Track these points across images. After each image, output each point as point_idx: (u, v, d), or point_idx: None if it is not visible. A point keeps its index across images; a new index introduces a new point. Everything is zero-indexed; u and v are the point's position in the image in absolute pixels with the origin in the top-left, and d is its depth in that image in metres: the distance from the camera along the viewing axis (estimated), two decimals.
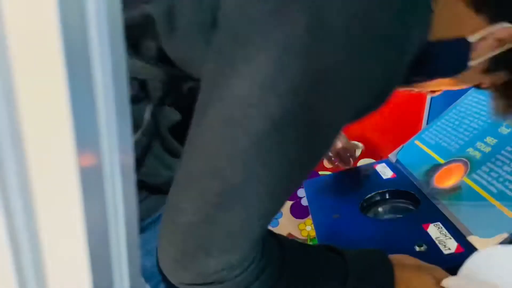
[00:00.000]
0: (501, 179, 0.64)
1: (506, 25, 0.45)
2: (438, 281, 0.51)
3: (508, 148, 0.68)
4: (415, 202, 0.75)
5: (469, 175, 0.70)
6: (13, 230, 0.17)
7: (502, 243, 0.55)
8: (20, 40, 0.16)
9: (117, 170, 0.19)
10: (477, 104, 0.86)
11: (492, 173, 0.66)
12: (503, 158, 0.67)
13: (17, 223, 0.17)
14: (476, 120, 0.81)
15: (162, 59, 0.44)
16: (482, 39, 0.46)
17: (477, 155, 0.73)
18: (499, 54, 0.48)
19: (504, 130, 0.73)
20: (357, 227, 0.72)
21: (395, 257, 0.54)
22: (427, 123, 1.27)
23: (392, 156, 0.93)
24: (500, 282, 0.47)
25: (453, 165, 0.76)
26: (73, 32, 0.16)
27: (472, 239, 0.58)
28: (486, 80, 0.52)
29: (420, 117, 1.29)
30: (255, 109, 0.32)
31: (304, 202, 1.46)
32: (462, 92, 0.93)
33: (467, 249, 0.57)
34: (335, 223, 0.76)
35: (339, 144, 0.93)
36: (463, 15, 0.46)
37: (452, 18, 0.46)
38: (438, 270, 0.53)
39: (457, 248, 0.58)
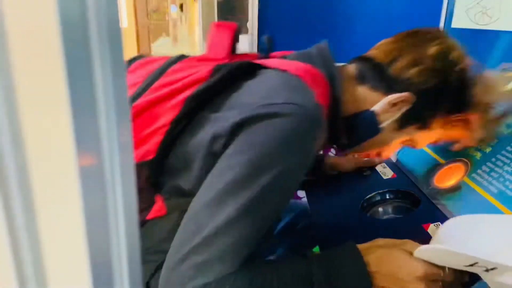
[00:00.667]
0: (501, 179, 0.64)
1: (398, 94, 0.63)
2: (410, 253, 0.52)
3: (509, 148, 0.68)
4: (415, 202, 0.75)
5: (469, 175, 0.70)
6: (13, 229, 0.17)
7: None
8: (20, 41, 0.16)
9: (117, 170, 0.19)
10: None
11: (493, 173, 0.66)
12: (503, 158, 0.67)
13: (17, 223, 0.17)
14: None
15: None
16: (382, 107, 0.64)
17: (477, 155, 0.73)
18: (402, 114, 0.64)
19: (504, 130, 0.73)
20: (357, 227, 0.72)
21: (365, 244, 0.56)
22: None
23: (392, 156, 0.93)
24: (467, 248, 0.48)
25: (453, 165, 0.76)
26: (73, 33, 0.16)
27: None
28: (400, 138, 0.69)
29: None
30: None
31: (304, 201, 1.46)
32: None
33: None
34: (335, 223, 0.76)
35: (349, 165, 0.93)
36: (363, 94, 0.65)
37: (355, 98, 0.65)
38: (409, 243, 0.55)
39: None
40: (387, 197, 0.80)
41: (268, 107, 0.51)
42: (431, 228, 0.64)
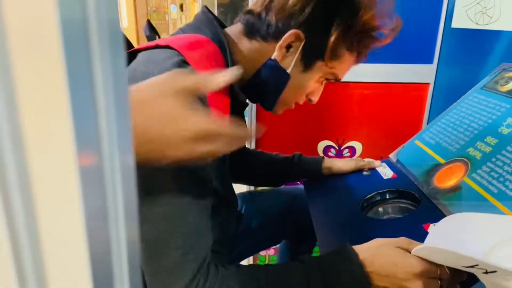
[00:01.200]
0: (501, 179, 0.64)
1: (284, 37, 0.64)
2: (407, 251, 0.53)
3: (509, 148, 0.68)
4: (416, 202, 0.75)
5: (469, 175, 0.70)
6: (13, 230, 0.17)
7: None
8: (20, 41, 0.16)
9: (117, 169, 0.19)
10: (477, 104, 0.86)
11: (493, 173, 0.66)
12: (503, 158, 0.67)
13: (17, 223, 0.17)
14: (476, 120, 0.81)
15: None
16: (278, 54, 0.65)
17: (478, 155, 0.73)
18: (302, 52, 0.65)
19: (504, 130, 0.73)
20: (357, 227, 0.72)
21: (362, 245, 0.56)
22: (427, 123, 1.27)
23: (392, 156, 0.93)
24: (462, 246, 0.48)
25: (453, 165, 0.76)
26: (73, 32, 0.16)
27: None
28: (315, 77, 0.69)
29: (420, 117, 1.29)
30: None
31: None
32: (462, 92, 0.93)
33: None
34: (335, 223, 0.76)
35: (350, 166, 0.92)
36: (258, 48, 0.67)
37: (252, 55, 0.67)
38: (404, 240, 0.55)
39: None
40: (387, 197, 0.80)
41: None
42: (431, 228, 0.64)
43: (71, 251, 0.19)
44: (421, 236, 0.62)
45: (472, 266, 0.46)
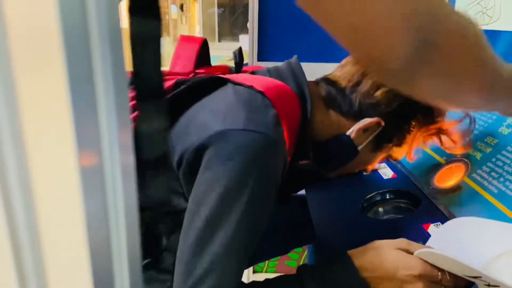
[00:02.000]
0: (501, 179, 0.64)
1: (367, 119, 0.65)
2: (406, 251, 0.53)
3: (509, 148, 0.68)
4: (416, 202, 0.75)
5: (469, 175, 0.70)
6: (14, 229, 0.17)
7: None
8: (21, 42, 0.16)
9: (117, 169, 0.19)
10: None
11: (493, 173, 0.66)
12: (503, 158, 0.67)
13: (18, 222, 0.17)
14: (476, 120, 0.81)
15: None
16: (355, 132, 0.66)
17: (478, 155, 0.73)
18: (376, 136, 0.67)
19: (504, 130, 0.73)
20: (357, 227, 0.72)
21: (360, 248, 0.57)
22: None
23: None
24: (466, 254, 0.48)
25: (453, 165, 0.76)
26: (74, 33, 0.16)
27: None
28: (379, 156, 0.72)
29: None
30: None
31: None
32: None
33: None
34: (335, 223, 0.76)
35: None
36: (335, 118, 0.67)
37: (329, 121, 0.67)
38: (402, 242, 0.55)
39: None
40: (387, 197, 0.80)
41: (224, 134, 0.52)
42: (431, 228, 0.64)
43: (72, 251, 0.19)
44: (421, 236, 0.62)
45: (475, 277, 0.46)
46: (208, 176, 0.51)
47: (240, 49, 0.73)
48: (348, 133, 0.67)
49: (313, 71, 1.25)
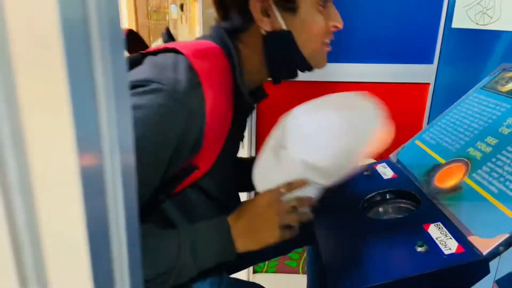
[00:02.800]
0: (501, 179, 0.64)
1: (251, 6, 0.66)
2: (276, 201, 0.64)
3: (509, 148, 0.68)
4: (416, 202, 0.75)
5: (469, 175, 0.70)
6: (14, 229, 0.17)
7: (502, 243, 0.55)
8: (21, 41, 0.16)
9: (118, 170, 0.19)
10: (477, 104, 0.86)
11: (493, 173, 0.66)
12: (503, 158, 0.67)
13: (18, 223, 0.17)
14: (476, 120, 0.81)
15: None
16: (263, 24, 0.66)
17: (478, 155, 0.73)
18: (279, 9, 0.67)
19: (505, 130, 0.73)
20: (357, 227, 0.72)
21: (234, 214, 0.67)
22: (427, 123, 1.27)
23: (392, 156, 0.93)
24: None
25: (453, 165, 0.76)
26: (74, 33, 0.17)
27: (473, 239, 0.58)
28: (318, 19, 0.68)
29: (420, 117, 1.29)
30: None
31: None
32: (462, 92, 0.93)
33: (468, 249, 0.57)
34: (335, 223, 0.76)
35: None
36: (248, 44, 0.69)
37: (249, 44, 0.69)
38: (273, 192, 0.65)
39: (457, 248, 0.58)
40: (387, 197, 0.80)
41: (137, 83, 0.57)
42: (431, 228, 0.64)
43: (72, 251, 0.19)
44: (421, 236, 0.62)
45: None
46: None
47: (167, 29, 0.76)
48: (263, 32, 0.66)
49: (314, 71, 1.25)
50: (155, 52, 0.65)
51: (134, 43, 0.76)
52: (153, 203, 0.65)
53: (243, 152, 1.32)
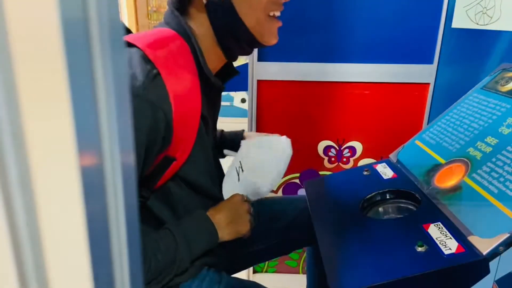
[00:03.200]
0: (501, 179, 0.64)
1: None
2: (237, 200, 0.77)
3: (509, 148, 0.68)
4: (416, 202, 0.75)
5: (469, 175, 0.70)
6: (14, 229, 0.17)
7: (502, 243, 0.55)
8: (22, 41, 0.16)
9: (118, 169, 0.19)
10: (477, 104, 0.86)
11: (493, 173, 0.66)
12: (503, 158, 0.67)
13: (18, 223, 0.17)
14: (476, 120, 0.81)
15: None
16: None
17: (478, 155, 0.73)
18: None
19: (505, 130, 0.73)
20: (357, 227, 0.72)
21: (214, 209, 0.75)
22: (427, 123, 1.27)
23: (392, 156, 0.93)
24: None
25: (453, 165, 0.76)
26: (74, 33, 0.17)
27: (473, 239, 0.58)
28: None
29: (420, 117, 1.29)
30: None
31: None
32: (462, 92, 0.93)
33: (467, 249, 0.57)
34: (335, 223, 0.76)
35: None
36: (195, 18, 0.69)
37: (201, 27, 0.69)
38: (241, 196, 0.78)
39: (457, 248, 0.58)
40: (387, 197, 0.80)
41: None
42: (431, 228, 0.64)
43: (72, 251, 0.19)
44: (421, 236, 0.62)
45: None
46: None
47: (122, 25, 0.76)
48: (205, 1, 0.66)
49: (314, 71, 1.25)
50: None
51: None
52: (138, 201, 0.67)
53: None
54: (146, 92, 0.58)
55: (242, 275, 1.47)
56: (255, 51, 1.25)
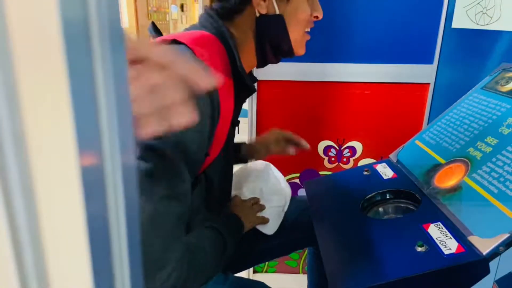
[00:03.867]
0: (501, 179, 0.64)
1: None
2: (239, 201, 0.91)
3: (509, 148, 0.68)
4: (416, 202, 0.75)
5: (469, 175, 0.70)
6: (14, 229, 0.17)
7: (502, 243, 0.55)
8: (22, 41, 0.16)
9: (118, 170, 0.19)
10: (477, 104, 0.86)
11: (493, 173, 0.66)
12: (503, 158, 0.67)
13: (18, 223, 0.17)
14: (476, 120, 0.81)
15: None
16: (260, 7, 0.70)
17: (478, 155, 0.73)
18: None
19: (505, 130, 0.73)
20: (357, 227, 0.72)
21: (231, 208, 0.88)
22: (427, 123, 1.27)
23: (392, 156, 0.93)
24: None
25: (453, 165, 0.76)
26: (75, 32, 0.17)
27: (473, 239, 0.58)
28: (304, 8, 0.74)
29: (420, 117, 1.29)
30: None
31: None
32: (462, 92, 0.93)
33: (468, 249, 0.57)
34: (335, 223, 0.76)
35: None
36: (242, 25, 0.72)
37: (243, 27, 0.72)
38: (237, 197, 0.93)
39: (457, 248, 0.58)
40: (387, 197, 0.80)
41: None
42: (431, 228, 0.64)
43: (73, 251, 0.19)
44: (421, 236, 0.62)
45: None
46: None
47: (153, 24, 0.77)
48: (257, 14, 0.70)
49: (314, 71, 1.25)
50: None
51: None
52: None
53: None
54: None
55: (242, 275, 1.47)
56: None
